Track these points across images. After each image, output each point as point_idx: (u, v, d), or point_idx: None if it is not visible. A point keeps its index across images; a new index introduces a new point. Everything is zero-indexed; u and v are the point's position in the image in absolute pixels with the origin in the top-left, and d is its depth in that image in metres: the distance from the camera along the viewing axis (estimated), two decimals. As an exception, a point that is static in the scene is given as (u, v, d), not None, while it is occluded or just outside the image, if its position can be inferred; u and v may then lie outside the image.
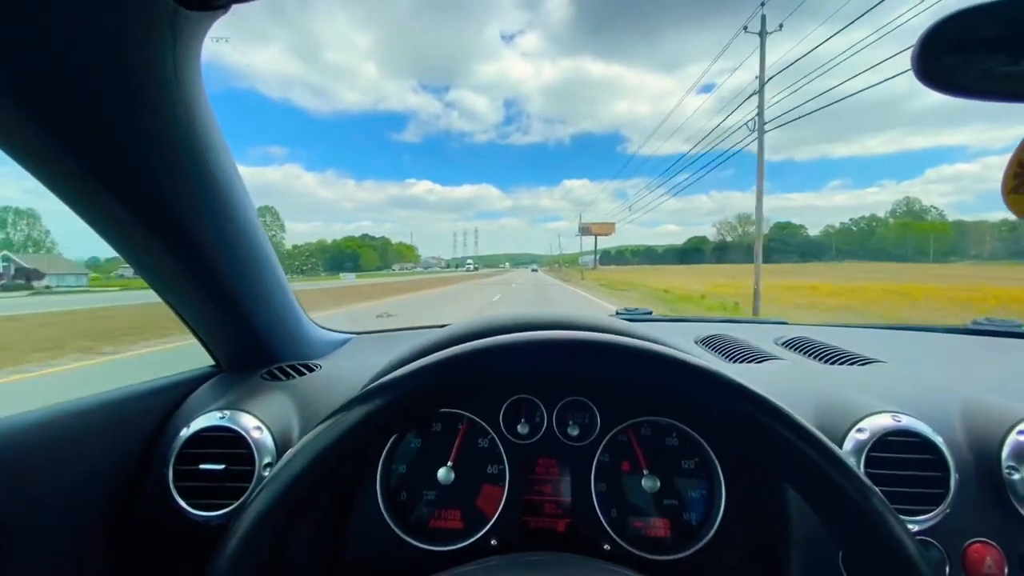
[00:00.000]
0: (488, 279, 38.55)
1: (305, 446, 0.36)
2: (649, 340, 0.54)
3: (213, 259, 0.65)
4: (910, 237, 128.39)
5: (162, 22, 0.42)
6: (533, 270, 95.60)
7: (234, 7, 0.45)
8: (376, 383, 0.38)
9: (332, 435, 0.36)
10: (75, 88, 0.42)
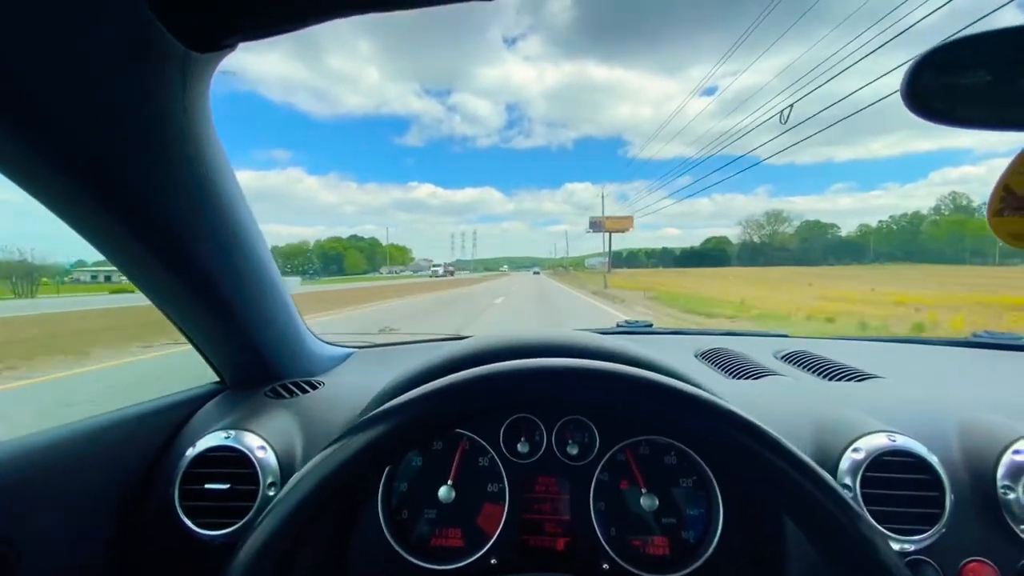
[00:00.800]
0: (463, 288, 27.65)
1: (310, 471, 0.37)
2: (645, 363, 0.58)
3: (218, 278, 0.68)
4: (965, 236, 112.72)
5: (172, 65, 0.44)
6: (535, 273, 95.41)
7: (241, 45, 0.47)
8: (381, 409, 0.39)
9: (337, 460, 0.37)
10: (85, 122, 0.44)
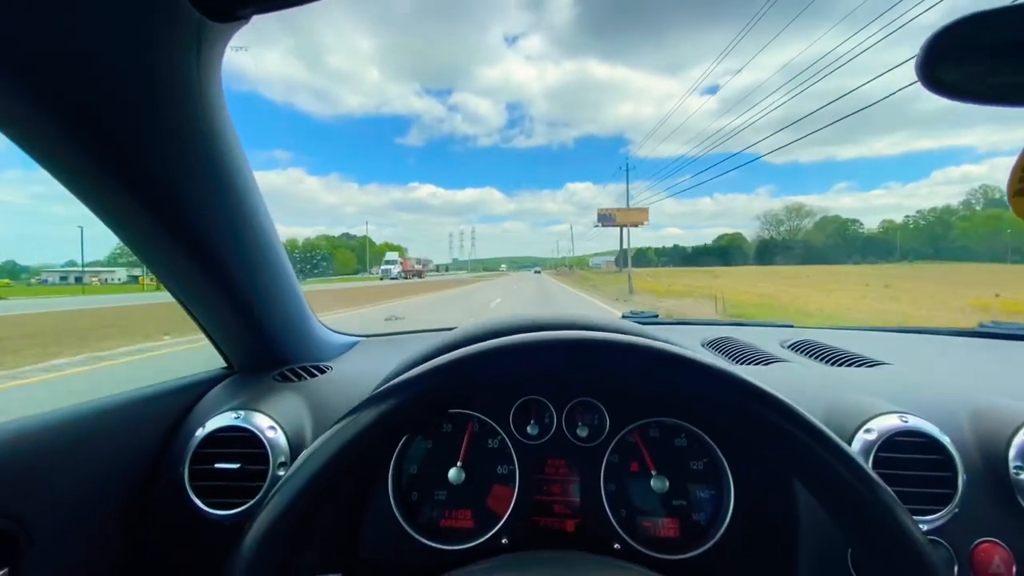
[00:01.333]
0: (442, 293, 21.99)
1: (320, 447, 0.37)
2: (661, 341, 0.58)
3: (228, 262, 0.69)
4: (1003, 231, 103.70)
5: (188, 31, 0.45)
6: (536, 272, 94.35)
7: (254, 18, 0.47)
8: (388, 384, 0.39)
9: (346, 436, 0.37)
10: (101, 93, 0.45)
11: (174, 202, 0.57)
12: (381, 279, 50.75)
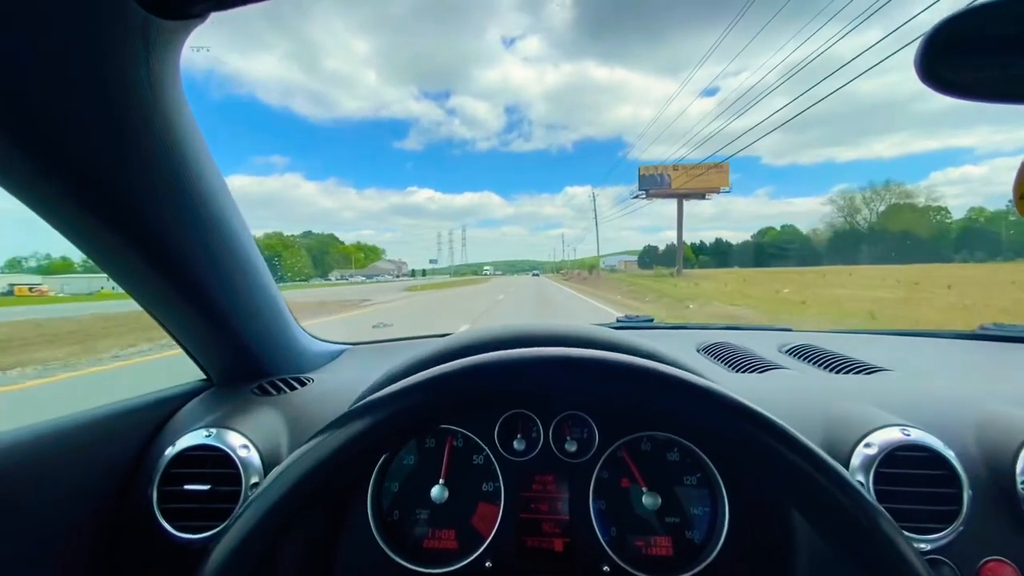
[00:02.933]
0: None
1: (291, 465, 0.35)
2: (646, 353, 0.55)
3: (198, 271, 0.66)
4: None
5: (132, 32, 0.42)
6: (534, 274, 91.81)
7: (213, 15, 0.43)
8: (364, 401, 0.38)
9: (320, 454, 0.35)
10: (44, 100, 0.42)
11: (134, 212, 0.54)
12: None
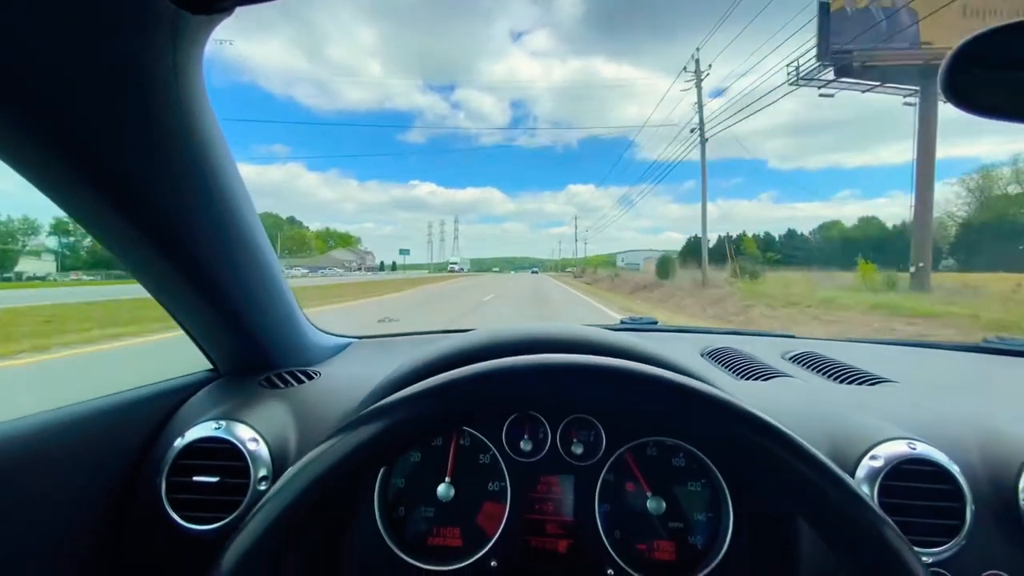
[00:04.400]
0: None
1: (303, 468, 0.36)
2: (655, 359, 0.56)
3: (211, 262, 0.66)
4: None
5: (162, 25, 0.42)
6: (533, 272, 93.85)
7: (238, 10, 0.44)
8: (379, 405, 0.38)
9: (332, 458, 0.36)
10: (70, 90, 0.42)
11: (151, 201, 0.55)
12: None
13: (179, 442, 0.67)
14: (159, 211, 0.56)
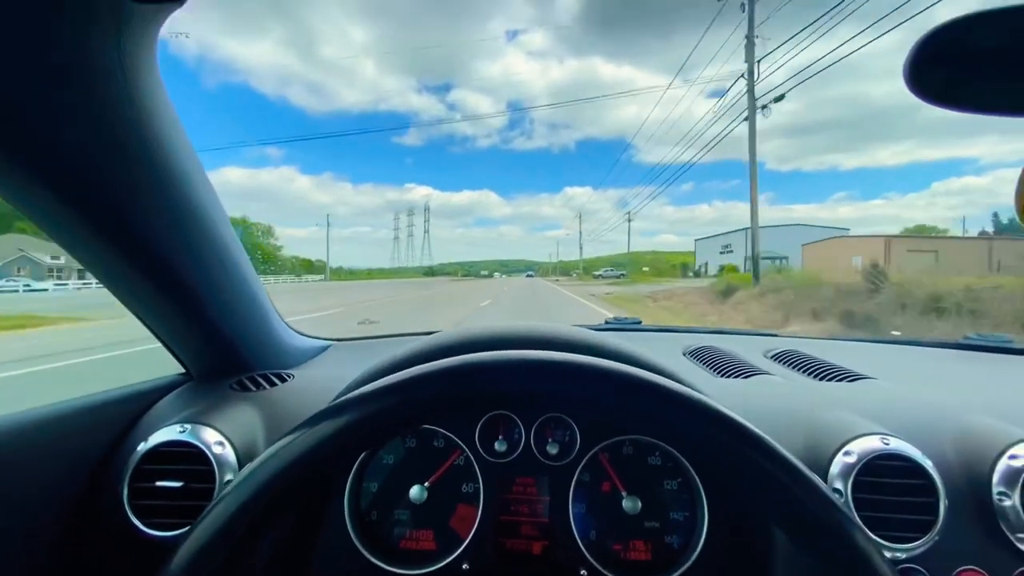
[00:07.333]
0: None
1: (262, 464, 0.34)
2: (632, 358, 0.55)
3: (175, 263, 0.64)
4: None
5: (103, 16, 0.41)
6: (529, 275, 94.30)
7: (191, 1, 0.42)
8: (338, 401, 0.37)
9: (291, 454, 0.34)
10: (12, 87, 0.41)
11: (107, 202, 0.53)
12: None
13: (142, 446, 0.65)
14: (115, 210, 0.54)
